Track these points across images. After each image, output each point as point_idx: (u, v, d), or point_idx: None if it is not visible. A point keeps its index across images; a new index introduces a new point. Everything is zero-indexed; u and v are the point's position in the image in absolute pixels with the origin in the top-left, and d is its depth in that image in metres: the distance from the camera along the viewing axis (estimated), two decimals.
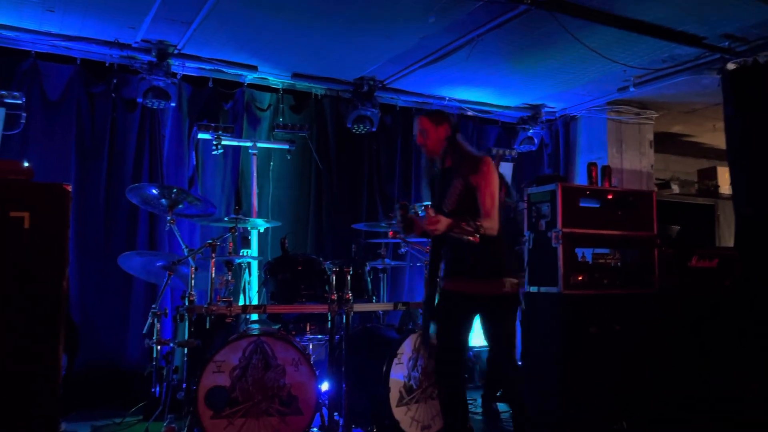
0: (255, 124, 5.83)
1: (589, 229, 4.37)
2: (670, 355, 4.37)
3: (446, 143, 3.28)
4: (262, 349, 3.57)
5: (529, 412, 3.42)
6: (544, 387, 4.26)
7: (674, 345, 4.42)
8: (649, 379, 4.30)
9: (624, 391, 4.23)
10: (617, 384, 4.22)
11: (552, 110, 6.87)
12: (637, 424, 4.18)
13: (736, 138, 5.20)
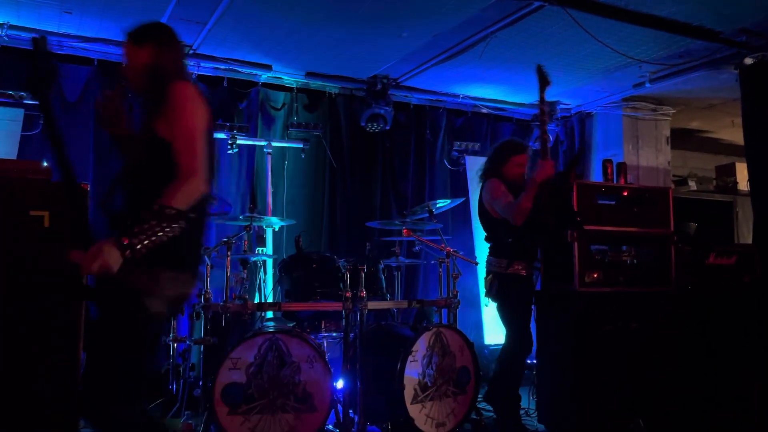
0: (269, 123, 5.87)
1: (605, 226, 4.35)
2: (687, 354, 4.33)
3: (149, 73, 2.27)
4: (277, 347, 3.59)
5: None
6: (558, 384, 4.25)
7: (691, 343, 4.38)
8: (665, 378, 4.26)
9: (640, 389, 4.21)
10: (633, 382, 4.20)
11: (567, 107, 6.83)
12: (654, 423, 4.15)
13: (754, 133, 5.14)
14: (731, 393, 4.25)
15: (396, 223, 4.77)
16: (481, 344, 6.29)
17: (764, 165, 5.05)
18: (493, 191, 3.97)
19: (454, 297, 4.42)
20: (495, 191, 3.96)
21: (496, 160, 4.13)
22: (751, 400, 4.22)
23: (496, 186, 3.97)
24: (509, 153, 4.09)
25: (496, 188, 3.96)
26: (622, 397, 4.16)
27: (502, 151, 4.14)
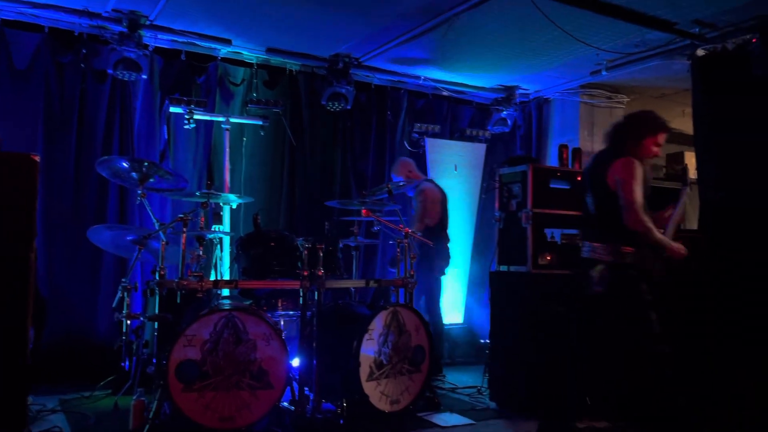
0: (228, 99, 5.77)
1: (559, 209, 4.46)
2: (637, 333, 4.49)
3: None
4: (233, 324, 3.58)
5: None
6: (510, 363, 4.36)
7: None
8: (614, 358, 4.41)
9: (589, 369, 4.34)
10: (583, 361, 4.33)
11: (526, 92, 6.93)
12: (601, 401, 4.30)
13: (703, 124, 5.31)
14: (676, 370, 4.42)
15: (355, 203, 4.77)
16: None
17: (711, 155, 5.23)
18: (631, 173, 3.38)
19: (411, 277, 4.47)
20: (633, 174, 3.38)
21: (631, 135, 3.53)
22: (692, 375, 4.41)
23: (636, 170, 3.40)
24: (648, 132, 3.54)
25: (635, 172, 3.39)
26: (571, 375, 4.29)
27: (640, 127, 3.56)
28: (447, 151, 6.68)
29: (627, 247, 3.39)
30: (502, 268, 4.55)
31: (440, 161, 6.66)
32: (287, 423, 3.71)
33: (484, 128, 6.87)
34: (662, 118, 3.59)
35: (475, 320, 6.65)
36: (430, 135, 6.55)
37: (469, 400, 4.63)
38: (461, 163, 6.80)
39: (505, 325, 4.47)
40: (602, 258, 3.43)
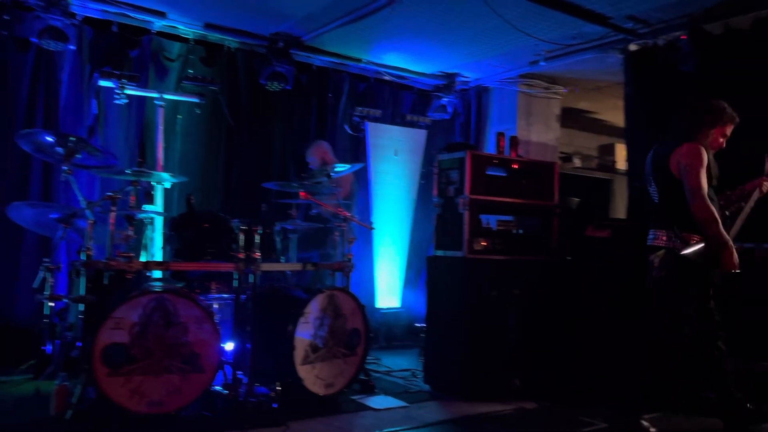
0: (162, 75, 5.56)
1: (495, 196, 4.53)
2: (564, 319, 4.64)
3: None
4: (163, 307, 3.47)
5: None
6: (444, 346, 4.43)
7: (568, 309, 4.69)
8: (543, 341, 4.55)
9: (520, 352, 4.47)
10: (513, 345, 4.45)
11: (466, 80, 6.99)
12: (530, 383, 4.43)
13: (633, 117, 5.51)
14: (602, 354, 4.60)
15: (294, 186, 4.70)
16: (372, 308, 6.41)
17: (640, 147, 5.42)
18: (697, 159, 3.37)
19: (349, 261, 4.46)
20: (699, 160, 3.37)
21: (701, 124, 3.52)
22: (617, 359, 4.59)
23: (703, 157, 3.38)
24: (719, 122, 3.53)
25: (700, 158, 3.37)
26: (502, 358, 4.40)
27: (712, 116, 3.53)
28: (388, 135, 6.68)
29: (689, 233, 3.39)
30: (439, 253, 4.60)
31: (381, 146, 6.66)
32: (219, 407, 3.65)
33: (425, 114, 6.91)
34: (731, 109, 3.55)
35: (412, 304, 6.72)
36: (371, 119, 6.53)
37: (404, 383, 4.67)
38: (401, 148, 6.82)
39: (440, 309, 4.53)
40: (664, 244, 3.47)
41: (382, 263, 6.61)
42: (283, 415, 3.57)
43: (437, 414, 3.91)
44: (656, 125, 5.25)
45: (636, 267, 4.97)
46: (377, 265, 6.57)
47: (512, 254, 4.56)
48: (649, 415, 3.86)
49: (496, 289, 4.42)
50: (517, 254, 4.59)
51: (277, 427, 3.42)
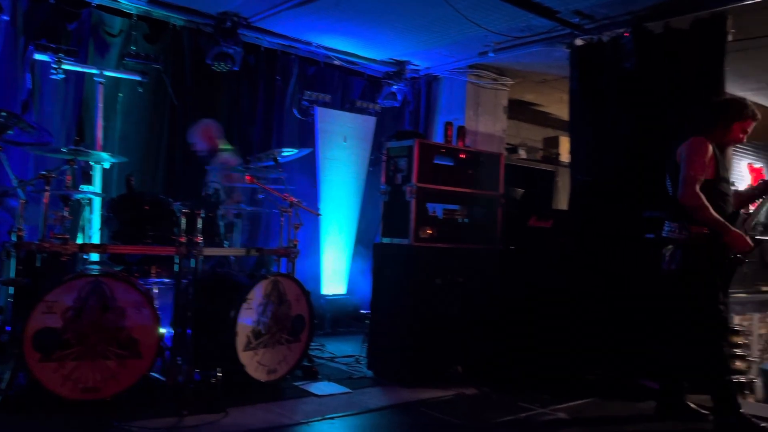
0: (103, 51, 5.34)
1: (442, 185, 4.57)
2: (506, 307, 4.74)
3: None
4: (100, 290, 3.37)
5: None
6: (388, 333, 4.46)
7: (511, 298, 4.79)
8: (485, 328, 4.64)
9: (462, 339, 4.54)
10: (456, 332, 4.52)
11: (416, 68, 7.00)
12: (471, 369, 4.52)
13: (577, 111, 5.64)
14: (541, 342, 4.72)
15: (239, 169, 4.62)
16: (318, 294, 6.39)
17: (583, 140, 5.57)
18: (696, 150, 3.47)
19: (294, 246, 4.42)
20: (698, 151, 3.46)
21: (713, 119, 3.60)
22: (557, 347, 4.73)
23: (705, 149, 3.46)
24: (735, 118, 3.57)
25: (701, 151, 3.46)
26: (445, 345, 4.47)
27: (725, 112, 3.59)
28: (337, 121, 6.64)
29: (699, 227, 3.44)
30: (386, 240, 4.62)
31: (330, 131, 6.60)
32: (157, 393, 3.57)
33: (375, 101, 6.89)
34: (752, 106, 3.59)
35: (358, 291, 6.73)
36: (320, 104, 6.47)
37: (347, 369, 4.68)
38: (350, 134, 6.79)
39: (385, 296, 4.55)
40: (677, 237, 3.52)
41: (328, 249, 6.59)
42: (223, 402, 3.52)
43: (379, 400, 3.94)
44: (599, 119, 5.40)
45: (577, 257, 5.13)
46: (324, 252, 6.54)
47: (457, 242, 4.62)
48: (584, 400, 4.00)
49: (441, 277, 4.47)
50: (462, 243, 4.65)
51: (216, 414, 3.38)
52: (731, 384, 3.49)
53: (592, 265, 5.09)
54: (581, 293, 5.00)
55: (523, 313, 4.80)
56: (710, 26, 4.67)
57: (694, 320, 3.56)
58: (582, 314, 4.93)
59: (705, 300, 3.50)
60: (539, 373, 4.54)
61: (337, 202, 6.68)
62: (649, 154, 4.99)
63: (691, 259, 3.48)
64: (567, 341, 4.87)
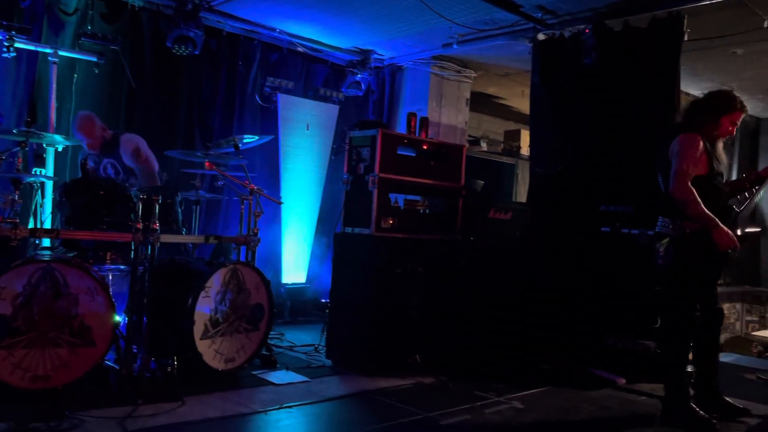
0: (57, 29, 5.16)
1: (404, 176, 4.58)
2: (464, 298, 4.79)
3: None
4: (52, 277, 3.27)
5: None
6: (347, 322, 4.46)
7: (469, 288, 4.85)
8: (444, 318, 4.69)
9: (421, 328, 4.58)
10: (416, 322, 4.56)
11: (381, 58, 6.98)
12: (430, 359, 4.56)
13: (538, 104, 5.72)
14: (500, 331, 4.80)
15: (198, 155, 4.54)
16: (278, 282, 6.35)
17: (543, 134, 5.66)
18: (687, 147, 3.47)
19: (255, 235, 4.38)
20: (689, 147, 3.46)
21: (703, 112, 3.59)
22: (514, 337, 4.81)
23: (696, 144, 3.47)
24: (722, 111, 3.56)
25: (692, 146, 3.46)
26: (404, 335, 4.50)
27: (712, 106, 3.59)
28: (300, 109, 6.58)
29: (690, 222, 3.45)
30: (347, 229, 4.61)
31: (292, 119, 6.55)
32: (111, 382, 3.50)
33: (338, 90, 6.85)
34: (740, 98, 3.60)
35: (318, 280, 6.72)
36: (283, 91, 6.40)
37: (307, 358, 4.68)
38: (313, 122, 6.74)
39: (345, 285, 4.55)
40: (669, 233, 3.54)
41: (289, 238, 6.55)
42: (179, 390, 3.48)
43: (338, 389, 3.95)
44: (560, 113, 5.49)
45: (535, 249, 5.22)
46: (284, 240, 6.50)
47: (418, 233, 4.64)
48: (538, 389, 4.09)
49: (401, 267, 4.49)
50: (423, 233, 4.68)
51: (172, 403, 3.33)
52: (682, 374, 3.58)
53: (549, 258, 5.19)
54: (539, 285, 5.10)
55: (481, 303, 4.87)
56: (668, 25, 4.79)
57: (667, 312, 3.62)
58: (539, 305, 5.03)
59: (683, 297, 3.54)
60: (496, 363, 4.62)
61: (299, 190, 6.64)
62: (608, 149, 5.11)
63: (682, 256, 3.50)
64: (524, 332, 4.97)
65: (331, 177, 6.79)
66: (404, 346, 4.51)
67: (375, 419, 3.41)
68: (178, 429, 3.05)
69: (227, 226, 5.96)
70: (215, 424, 3.18)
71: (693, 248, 3.47)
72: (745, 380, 4.73)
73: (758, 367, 5.10)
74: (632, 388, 4.31)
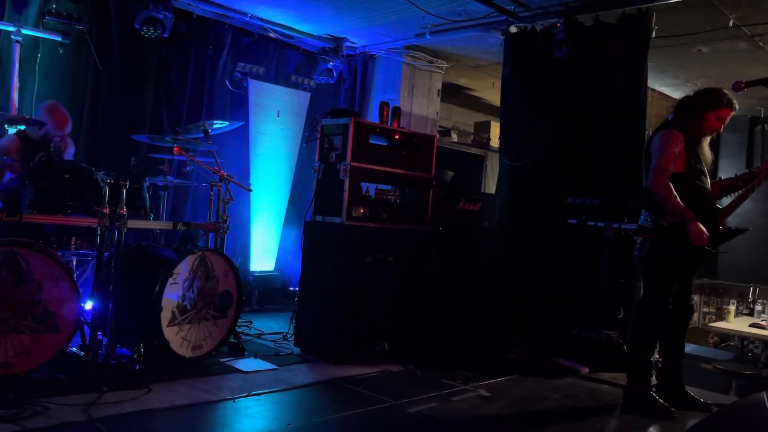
0: (20, 7, 4.98)
1: (376, 165, 4.59)
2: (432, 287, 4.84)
3: None
4: (14, 261, 3.20)
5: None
6: (317, 310, 4.46)
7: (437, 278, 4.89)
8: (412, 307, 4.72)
9: (390, 317, 4.61)
10: (384, 310, 4.58)
11: (353, 45, 6.94)
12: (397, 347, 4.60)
13: (508, 97, 5.77)
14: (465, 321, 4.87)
15: (167, 140, 4.46)
16: (247, 270, 6.31)
17: (513, 126, 5.71)
18: (666, 143, 3.51)
19: (224, 222, 4.34)
20: (667, 143, 3.50)
21: (687, 109, 3.63)
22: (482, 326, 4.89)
23: (674, 140, 3.50)
24: (708, 107, 3.57)
25: (671, 142, 3.50)
26: (372, 323, 4.52)
27: (699, 102, 3.60)
28: (271, 95, 6.52)
29: (668, 217, 3.49)
30: (318, 218, 4.60)
31: (263, 105, 6.49)
32: (75, 369, 3.45)
33: (310, 77, 6.80)
34: (729, 95, 3.58)
35: (288, 268, 6.69)
36: (253, 76, 6.33)
37: (275, 346, 4.67)
38: (284, 109, 6.69)
39: (315, 273, 4.55)
40: (648, 227, 3.59)
41: (258, 225, 6.50)
42: (145, 378, 3.45)
43: (306, 376, 3.95)
44: (530, 106, 5.54)
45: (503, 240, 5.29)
46: (253, 228, 6.46)
47: (389, 222, 4.66)
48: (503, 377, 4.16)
49: (371, 256, 4.51)
50: (394, 223, 4.70)
51: (138, 390, 3.30)
52: (646, 364, 3.67)
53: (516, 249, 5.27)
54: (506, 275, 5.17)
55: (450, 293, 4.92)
56: (637, 22, 4.86)
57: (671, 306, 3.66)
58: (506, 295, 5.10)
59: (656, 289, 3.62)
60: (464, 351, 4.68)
61: (269, 177, 6.59)
62: (577, 143, 5.18)
63: (657, 249, 3.57)
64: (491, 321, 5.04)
65: (301, 165, 6.75)
66: (373, 334, 4.53)
67: (343, 407, 3.43)
68: (144, 416, 3.03)
69: (195, 213, 5.88)
70: (182, 411, 3.16)
71: (668, 242, 3.52)
72: (702, 370, 4.89)
73: (715, 357, 5.27)
74: (595, 377, 4.41)
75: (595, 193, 4.72)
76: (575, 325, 4.79)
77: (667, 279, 3.62)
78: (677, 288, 3.69)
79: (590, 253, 4.77)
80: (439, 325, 4.76)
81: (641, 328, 3.68)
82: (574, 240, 4.86)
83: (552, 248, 5.08)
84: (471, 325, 4.79)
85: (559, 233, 4.97)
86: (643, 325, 3.67)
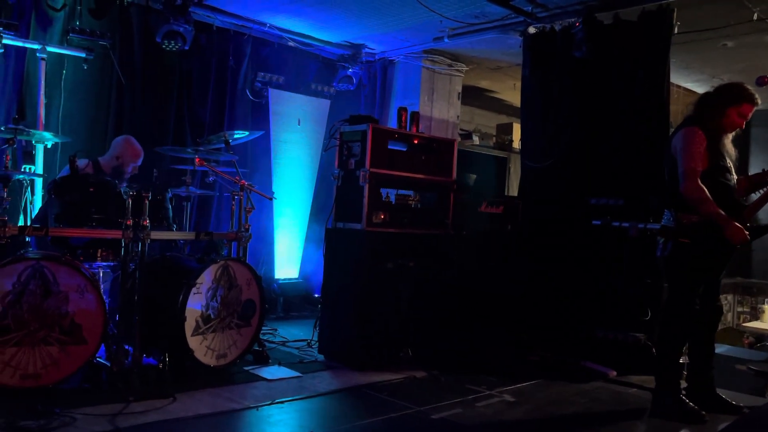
0: (45, 25, 5.12)
1: (395, 170, 4.58)
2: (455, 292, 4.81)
3: None
4: (42, 275, 3.27)
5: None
6: (340, 317, 4.47)
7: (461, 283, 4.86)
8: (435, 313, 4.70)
9: (412, 323, 4.59)
10: (406, 316, 4.57)
11: (372, 52, 6.96)
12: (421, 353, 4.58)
13: (529, 98, 5.72)
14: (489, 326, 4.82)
15: (189, 151, 4.53)
16: (271, 278, 6.35)
17: (534, 127, 5.66)
18: (690, 142, 3.42)
19: (246, 231, 4.38)
20: (691, 143, 3.42)
21: (708, 106, 3.54)
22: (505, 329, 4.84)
23: (698, 139, 3.42)
24: (728, 103, 3.48)
25: (695, 141, 3.41)
26: (395, 329, 4.51)
27: (719, 98, 3.52)
28: (291, 104, 6.57)
29: (688, 215, 3.42)
30: (339, 224, 4.61)
31: (283, 113, 6.54)
32: (103, 379, 3.51)
33: (330, 84, 6.84)
34: (750, 90, 3.50)
35: (311, 275, 6.72)
36: (274, 86, 6.39)
37: (299, 353, 4.69)
38: (305, 117, 6.74)
39: (337, 280, 4.56)
40: (671, 226, 3.51)
41: (281, 233, 6.55)
42: (170, 387, 3.49)
43: (330, 384, 3.96)
44: (550, 107, 5.49)
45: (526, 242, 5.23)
46: (277, 236, 6.50)
47: (410, 227, 4.65)
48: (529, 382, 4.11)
49: (393, 262, 4.50)
50: (415, 228, 4.69)
51: (163, 399, 3.33)
52: (674, 366, 3.59)
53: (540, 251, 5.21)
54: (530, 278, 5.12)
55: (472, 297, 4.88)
56: (657, 18, 4.78)
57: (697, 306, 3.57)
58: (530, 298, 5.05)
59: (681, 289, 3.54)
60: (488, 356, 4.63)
61: (291, 185, 6.64)
62: (599, 142, 5.11)
63: (679, 248, 3.49)
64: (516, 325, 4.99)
65: (323, 172, 6.78)
66: (396, 341, 4.52)
67: (367, 414, 3.42)
68: (170, 426, 3.06)
69: (219, 223, 5.95)
70: (207, 420, 3.18)
71: (691, 241, 3.44)
72: (736, 371, 4.76)
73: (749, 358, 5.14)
74: (623, 380, 4.34)
75: (618, 193, 4.65)
76: (600, 327, 4.71)
77: (691, 279, 3.53)
78: (704, 288, 3.60)
79: (615, 253, 4.69)
80: (462, 330, 4.72)
81: (668, 330, 3.60)
82: (599, 241, 4.79)
83: (576, 249, 5.01)
84: (494, 330, 4.74)
85: (583, 234, 4.90)
86: (670, 327, 3.59)
